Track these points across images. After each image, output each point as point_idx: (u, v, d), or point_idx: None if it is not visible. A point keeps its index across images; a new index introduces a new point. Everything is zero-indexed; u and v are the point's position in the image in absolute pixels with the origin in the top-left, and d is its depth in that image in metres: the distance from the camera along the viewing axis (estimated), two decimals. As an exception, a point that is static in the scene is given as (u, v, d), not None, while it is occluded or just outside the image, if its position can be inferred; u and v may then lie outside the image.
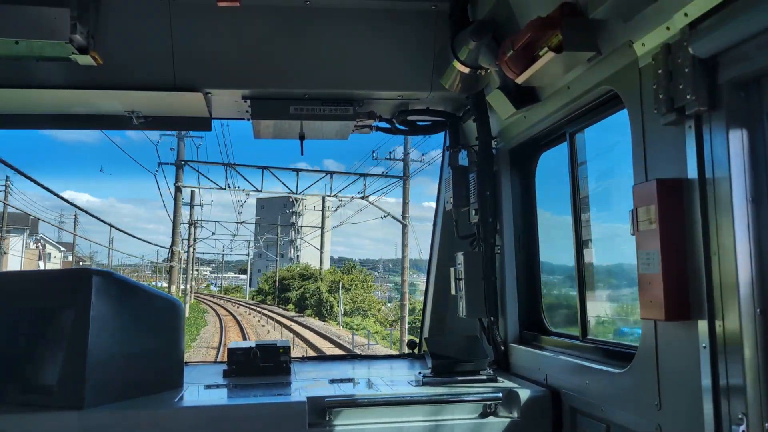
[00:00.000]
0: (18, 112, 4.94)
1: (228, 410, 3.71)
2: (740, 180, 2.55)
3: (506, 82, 4.19)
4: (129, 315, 3.97)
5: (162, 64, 4.49)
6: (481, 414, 4.00)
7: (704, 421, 2.66)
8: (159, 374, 4.07)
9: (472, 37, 4.11)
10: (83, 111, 4.97)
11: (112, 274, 4.04)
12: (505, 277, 4.84)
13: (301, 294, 61.85)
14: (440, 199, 5.77)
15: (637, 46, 3.02)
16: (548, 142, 4.62)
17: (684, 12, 2.64)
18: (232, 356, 4.67)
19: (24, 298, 4.01)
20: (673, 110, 2.73)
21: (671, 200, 2.82)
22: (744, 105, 2.57)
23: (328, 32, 4.64)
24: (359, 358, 5.66)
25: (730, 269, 2.55)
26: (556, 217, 4.85)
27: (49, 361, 3.79)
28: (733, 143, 2.56)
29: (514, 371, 4.69)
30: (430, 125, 5.55)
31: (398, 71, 4.79)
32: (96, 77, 4.41)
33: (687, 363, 2.78)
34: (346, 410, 3.85)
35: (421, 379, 4.32)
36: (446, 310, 5.55)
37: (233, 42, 4.57)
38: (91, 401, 3.57)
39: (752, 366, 2.49)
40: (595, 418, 3.58)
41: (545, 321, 4.76)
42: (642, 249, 2.96)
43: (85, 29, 3.93)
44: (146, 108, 4.90)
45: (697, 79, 2.60)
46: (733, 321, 2.54)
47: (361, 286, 60.63)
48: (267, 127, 5.25)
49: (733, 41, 2.43)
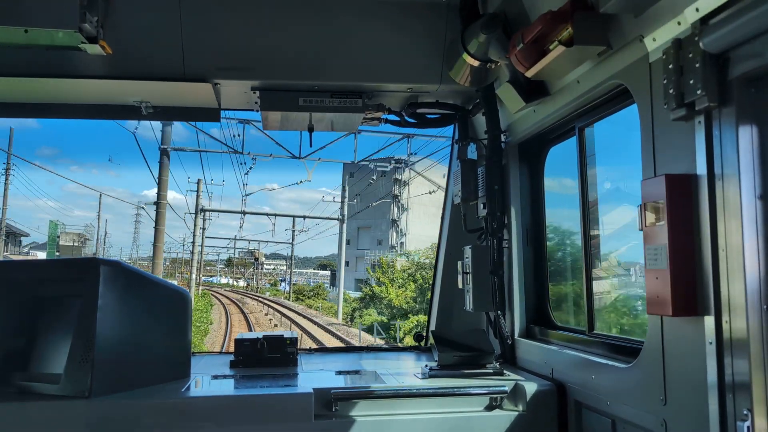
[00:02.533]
0: (27, 101, 4.96)
1: (235, 400, 3.74)
2: (749, 176, 2.53)
3: (516, 76, 4.18)
4: (137, 305, 3.99)
5: (171, 55, 4.49)
6: (487, 407, 4.01)
7: (709, 417, 2.65)
8: (166, 364, 4.10)
9: (482, 30, 4.09)
10: (92, 101, 4.99)
11: (120, 263, 4.06)
12: (512, 271, 4.84)
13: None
14: (448, 192, 5.76)
15: (647, 40, 3.00)
16: (557, 136, 4.61)
17: (695, 7, 2.62)
18: (239, 347, 4.69)
19: (32, 287, 4.04)
20: (683, 105, 2.72)
21: (680, 196, 2.81)
22: (754, 101, 2.55)
23: (337, 24, 4.63)
24: (366, 351, 5.67)
25: (737, 265, 2.54)
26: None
27: (56, 350, 3.82)
28: (742, 139, 2.54)
29: (520, 365, 4.69)
30: (439, 118, 5.54)
31: (408, 63, 4.78)
32: (105, 67, 4.42)
33: (693, 359, 2.77)
34: (353, 402, 3.87)
35: (427, 372, 4.33)
36: (453, 304, 5.56)
37: (243, 33, 4.57)
38: (98, 390, 3.59)
39: (758, 362, 2.48)
40: (601, 413, 3.58)
41: (552, 315, 4.76)
42: (650, 244, 2.95)
43: (95, 18, 3.94)
44: (155, 98, 4.91)
45: (708, 74, 2.58)
46: (739, 317, 2.53)
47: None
48: (276, 119, 5.25)
49: (745, 37, 2.41)
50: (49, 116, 5.10)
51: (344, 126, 5.48)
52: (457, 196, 5.24)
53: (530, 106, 4.29)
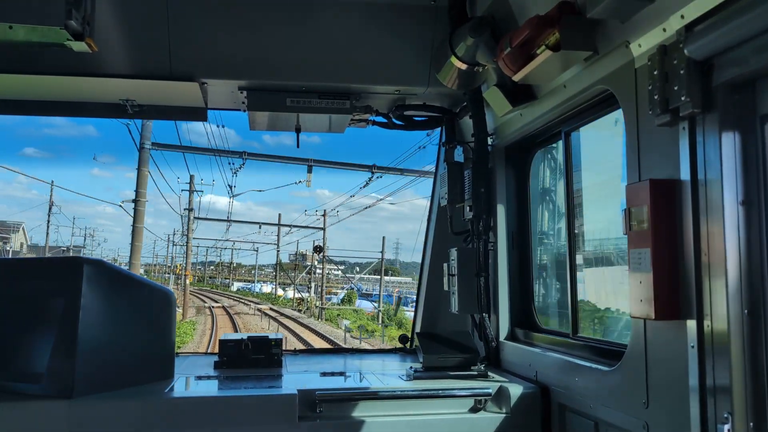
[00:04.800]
0: (11, 98, 4.92)
1: (218, 401, 3.72)
2: (731, 182, 2.56)
3: (503, 80, 4.20)
4: (120, 304, 3.96)
5: (158, 53, 4.47)
6: (471, 409, 4.02)
7: (690, 420, 2.68)
8: (149, 364, 4.07)
9: (470, 34, 4.11)
10: (77, 98, 4.95)
11: (103, 262, 4.03)
12: (497, 273, 4.86)
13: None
14: (435, 194, 5.78)
15: (633, 46, 3.03)
16: (544, 140, 4.63)
17: (680, 14, 2.65)
18: (224, 348, 4.67)
19: (14, 286, 4.00)
20: (668, 111, 2.74)
21: (663, 201, 2.83)
22: (737, 108, 2.58)
23: (326, 24, 4.63)
24: (351, 352, 5.67)
25: (719, 270, 2.57)
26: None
27: (38, 350, 3.78)
28: (725, 146, 2.57)
29: (504, 367, 4.71)
30: (426, 121, 5.55)
31: (396, 66, 4.78)
32: (91, 64, 4.38)
33: (675, 362, 2.80)
34: (337, 403, 3.86)
35: (412, 374, 4.34)
36: (439, 306, 5.57)
37: (230, 32, 4.56)
38: (80, 390, 3.56)
39: (739, 366, 2.51)
40: (584, 415, 3.60)
41: (536, 318, 4.78)
42: (633, 248, 2.98)
43: (81, 15, 3.90)
44: (141, 97, 4.88)
45: (692, 80, 2.61)
46: (721, 321, 2.55)
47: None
48: (263, 119, 5.24)
49: (729, 44, 2.44)
50: (34, 114, 5.06)
51: (332, 127, 5.48)
52: (444, 198, 5.25)
53: (517, 109, 4.31)
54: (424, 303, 5.69)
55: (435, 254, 5.68)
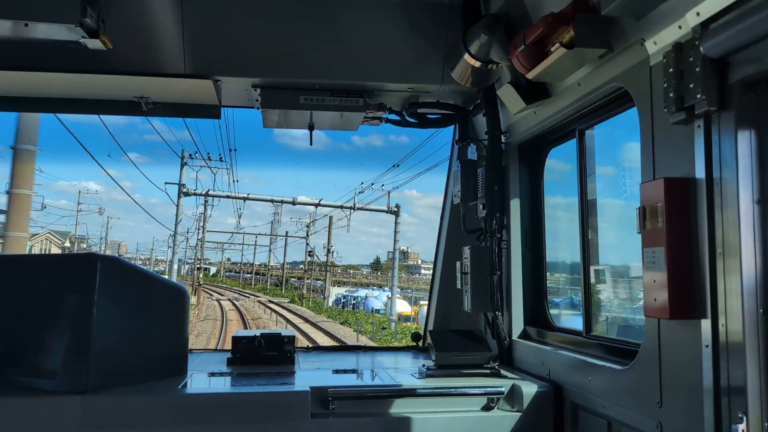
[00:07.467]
0: (27, 95, 4.96)
1: (231, 398, 3.73)
2: (747, 181, 2.53)
3: (517, 77, 4.18)
4: (134, 301, 3.99)
5: (172, 51, 4.49)
6: (484, 407, 4.01)
7: (704, 420, 2.66)
8: (163, 361, 4.10)
9: (484, 31, 4.09)
10: (92, 96, 4.98)
11: (117, 259, 4.06)
12: (510, 272, 4.84)
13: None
14: (448, 192, 5.76)
15: (648, 44, 3.00)
16: (557, 138, 4.61)
17: (696, 11, 2.62)
18: (237, 345, 4.69)
19: (29, 282, 4.03)
20: (683, 109, 2.72)
21: (678, 199, 2.81)
22: (754, 106, 2.55)
23: (339, 22, 4.63)
24: (363, 350, 5.67)
25: (734, 269, 2.55)
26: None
27: (52, 346, 3.81)
28: (741, 144, 2.54)
29: (517, 366, 4.69)
30: (439, 118, 5.54)
31: (409, 63, 4.77)
32: (105, 62, 4.41)
33: (689, 361, 2.78)
34: (349, 401, 3.87)
35: (424, 372, 4.33)
36: (451, 304, 5.56)
37: (244, 30, 4.57)
38: (94, 386, 3.59)
39: (754, 366, 2.48)
40: (597, 414, 3.59)
41: (549, 316, 4.76)
42: (648, 247, 2.96)
43: (96, 13, 3.92)
44: (155, 94, 4.90)
45: (708, 78, 2.58)
46: (736, 321, 2.53)
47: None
48: (276, 116, 5.25)
49: (745, 42, 2.41)
50: (49, 111, 5.11)
51: (345, 125, 5.48)
52: (457, 196, 5.24)
53: (531, 107, 4.29)
54: (437, 301, 5.68)
55: (448, 252, 5.67)
